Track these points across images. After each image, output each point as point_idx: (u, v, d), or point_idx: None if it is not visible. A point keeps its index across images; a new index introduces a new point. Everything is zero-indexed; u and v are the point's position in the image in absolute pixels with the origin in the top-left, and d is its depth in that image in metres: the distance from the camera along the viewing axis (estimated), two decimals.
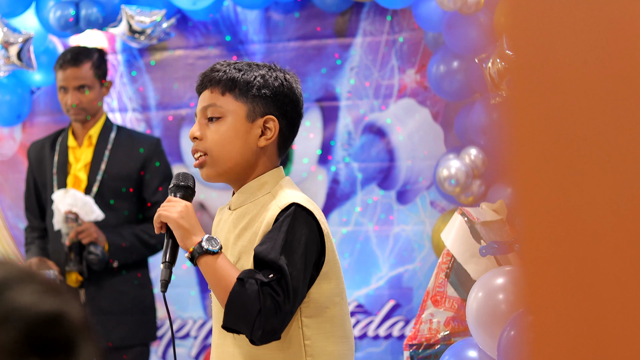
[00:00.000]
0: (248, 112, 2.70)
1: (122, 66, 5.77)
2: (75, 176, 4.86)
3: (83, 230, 4.65)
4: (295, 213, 2.61)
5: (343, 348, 2.70)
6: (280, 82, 2.73)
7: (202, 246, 2.60)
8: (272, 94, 2.71)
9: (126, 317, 4.81)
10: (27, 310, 1.17)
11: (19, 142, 5.81)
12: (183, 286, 5.61)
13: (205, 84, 2.74)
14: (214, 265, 2.59)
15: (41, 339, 1.17)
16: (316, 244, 2.63)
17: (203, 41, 5.68)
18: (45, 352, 1.16)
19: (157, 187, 4.84)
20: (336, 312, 2.69)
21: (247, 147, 2.70)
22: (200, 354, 5.61)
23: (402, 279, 5.38)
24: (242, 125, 2.70)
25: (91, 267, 4.68)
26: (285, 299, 2.53)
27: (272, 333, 2.56)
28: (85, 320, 1.21)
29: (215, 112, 2.71)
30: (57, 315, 1.18)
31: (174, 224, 2.63)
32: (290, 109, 2.74)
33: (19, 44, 5.22)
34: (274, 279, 2.54)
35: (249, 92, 2.70)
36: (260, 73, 2.72)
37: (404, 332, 5.34)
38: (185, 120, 5.70)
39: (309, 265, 2.60)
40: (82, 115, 4.86)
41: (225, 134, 2.69)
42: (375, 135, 5.45)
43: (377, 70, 5.44)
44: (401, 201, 5.41)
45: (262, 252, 2.57)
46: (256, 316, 2.52)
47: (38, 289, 1.19)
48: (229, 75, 2.71)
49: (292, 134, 2.78)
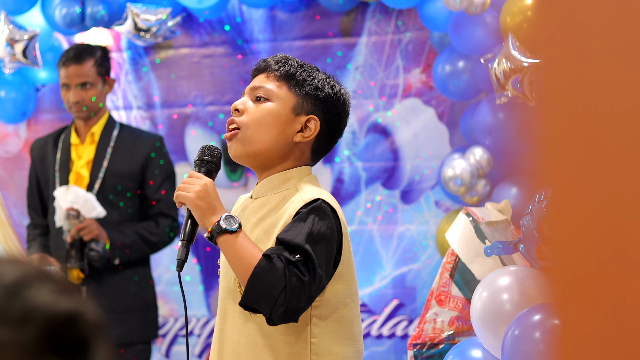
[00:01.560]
0: (296, 105, 2.71)
1: (127, 64, 5.77)
2: (78, 173, 4.86)
3: (84, 227, 4.65)
4: (322, 207, 2.60)
5: (348, 350, 2.68)
6: (335, 92, 2.76)
7: (220, 225, 2.57)
8: (324, 97, 2.73)
9: (128, 315, 4.80)
10: (46, 310, 1.16)
11: (24, 140, 5.82)
12: (187, 284, 5.61)
13: (263, 69, 2.75)
14: (234, 244, 2.56)
15: (60, 338, 1.16)
16: (336, 242, 2.62)
17: (208, 40, 5.68)
18: (64, 352, 1.16)
19: (159, 185, 4.84)
20: (345, 313, 2.68)
21: (282, 137, 2.70)
22: (204, 352, 5.61)
23: (406, 279, 5.38)
24: (285, 115, 2.70)
25: (92, 264, 4.68)
26: (311, 281, 2.51)
27: (293, 313, 2.52)
28: (101, 320, 1.21)
29: (266, 93, 2.72)
30: (75, 314, 1.18)
31: (191, 204, 2.61)
32: (335, 119, 2.76)
33: (25, 41, 5.22)
34: (300, 259, 2.52)
35: (303, 88, 2.72)
36: (319, 77, 2.75)
37: (407, 332, 5.34)
38: (190, 118, 5.69)
39: (330, 258, 2.59)
40: (84, 113, 4.86)
41: (266, 117, 2.70)
42: (379, 135, 5.45)
43: (382, 69, 5.44)
44: (405, 201, 5.41)
45: (286, 237, 2.55)
46: (280, 293, 2.48)
47: (55, 289, 1.19)
48: (289, 68, 2.73)
49: (329, 144, 2.78)
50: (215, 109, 5.66)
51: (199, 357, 5.63)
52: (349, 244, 2.67)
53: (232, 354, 2.68)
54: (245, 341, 2.66)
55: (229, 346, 2.69)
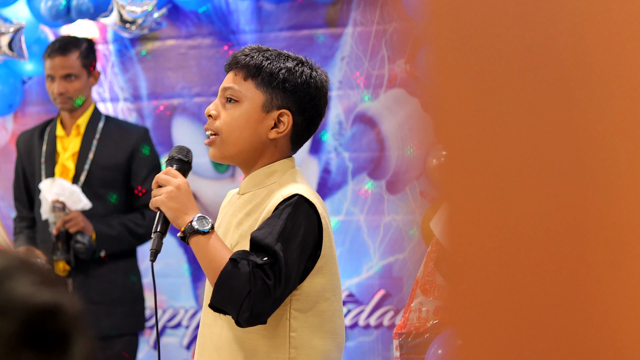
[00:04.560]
0: (265, 102, 2.70)
1: (113, 56, 5.77)
2: (63, 165, 4.86)
3: (70, 220, 4.65)
4: (297, 203, 2.60)
5: (328, 344, 2.68)
6: (304, 79, 2.72)
7: (192, 226, 2.60)
8: (292, 88, 2.70)
9: (115, 307, 4.81)
10: (25, 302, 1.15)
11: (11, 132, 5.81)
12: (175, 276, 5.61)
13: (232, 66, 2.75)
14: (205, 245, 2.59)
15: (38, 331, 1.15)
16: (314, 236, 2.62)
17: (195, 31, 5.67)
18: (42, 345, 1.15)
19: (145, 177, 4.84)
20: (326, 307, 2.67)
21: (255, 137, 2.70)
22: (192, 343, 5.61)
23: (392, 269, 5.38)
24: (255, 114, 2.70)
25: (78, 257, 4.68)
26: (276, 284, 2.52)
27: (258, 317, 2.55)
28: (80, 313, 1.20)
29: (234, 95, 2.71)
30: (54, 307, 1.17)
31: (163, 207, 2.65)
32: (310, 106, 2.73)
33: (10, 33, 5.22)
34: (267, 262, 2.53)
35: (270, 83, 2.70)
36: (287, 66, 2.72)
37: (394, 322, 5.35)
38: (177, 110, 5.69)
39: (303, 256, 2.59)
40: (69, 104, 4.86)
41: (237, 119, 2.70)
42: (365, 126, 5.45)
43: (367, 60, 5.44)
44: (391, 191, 5.41)
45: (258, 236, 2.57)
46: (245, 298, 2.51)
47: (36, 280, 1.18)
48: (255, 62, 2.71)
49: (308, 131, 2.77)
50: (202, 100, 5.65)
51: (186, 349, 5.63)
52: (330, 238, 2.67)
53: (214, 347, 2.70)
54: (227, 335, 2.67)
55: (211, 339, 2.71)
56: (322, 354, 2.67)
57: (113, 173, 4.84)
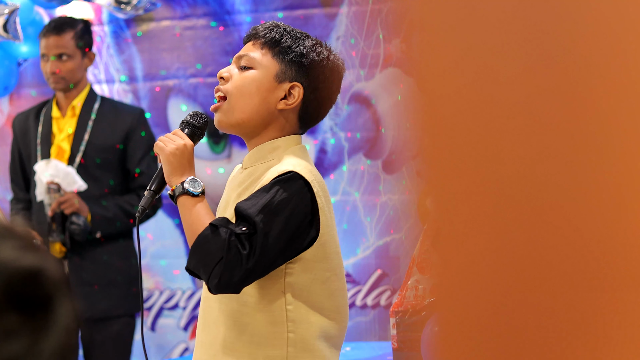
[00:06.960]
0: (279, 72, 2.68)
1: (108, 37, 5.76)
2: (59, 147, 4.85)
3: (65, 201, 4.64)
4: (290, 179, 2.59)
5: (327, 321, 2.67)
6: (322, 58, 2.71)
7: (183, 186, 2.60)
8: (309, 64, 2.69)
9: (111, 289, 4.81)
10: (8, 266, 1.15)
11: (7, 114, 5.81)
12: (171, 257, 5.62)
13: (251, 37, 2.74)
14: (190, 208, 2.59)
15: (21, 294, 1.15)
16: (305, 214, 2.60)
17: (190, 12, 5.66)
18: (25, 308, 1.15)
19: (140, 158, 4.84)
20: (325, 286, 2.66)
21: (264, 105, 2.68)
22: (189, 324, 5.62)
23: (389, 248, 5.39)
24: (267, 83, 2.68)
25: (74, 238, 4.68)
26: (250, 255, 2.51)
27: (227, 285, 2.53)
28: (63, 277, 1.20)
29: (248, 62, 2.69)
30: (37, 271, 1.17)
31: (164, 157, 2.63)
32: (323, 86, 2.72)
33: (5, 15, 5.20)
34: (245, 232, 2.52)
35: (287, 55, 2.69)
36: (306, 44, 2.71)
37: (391, 301, 5.35)
38: (173, 91, 5.69)
39: (288, 231, 2.57)
40: (62, 84, 4.85)
41: (248, 85, 2.68)
42: (361, 105, 5.45)
43: (362, 40, 5.43)
44: (387, 171, 5.41)
45: (242, 206, 2.56)
46: (216, 264, 2.50)
47: (18, 244, 1.17)
48: (275, 35, 2.70)
49: (317, 112, 2.76)
50: (198, 81, 5.65)
51: (184, 330, 5.64)
52: (326, 216, 2.65)
53: (213, 321, 2.70)
54: (225, 309, 2.67)
55: (210, 314, 2.72)
56: (320, 330, 2.66)
57: (108, 154, 4.83)
